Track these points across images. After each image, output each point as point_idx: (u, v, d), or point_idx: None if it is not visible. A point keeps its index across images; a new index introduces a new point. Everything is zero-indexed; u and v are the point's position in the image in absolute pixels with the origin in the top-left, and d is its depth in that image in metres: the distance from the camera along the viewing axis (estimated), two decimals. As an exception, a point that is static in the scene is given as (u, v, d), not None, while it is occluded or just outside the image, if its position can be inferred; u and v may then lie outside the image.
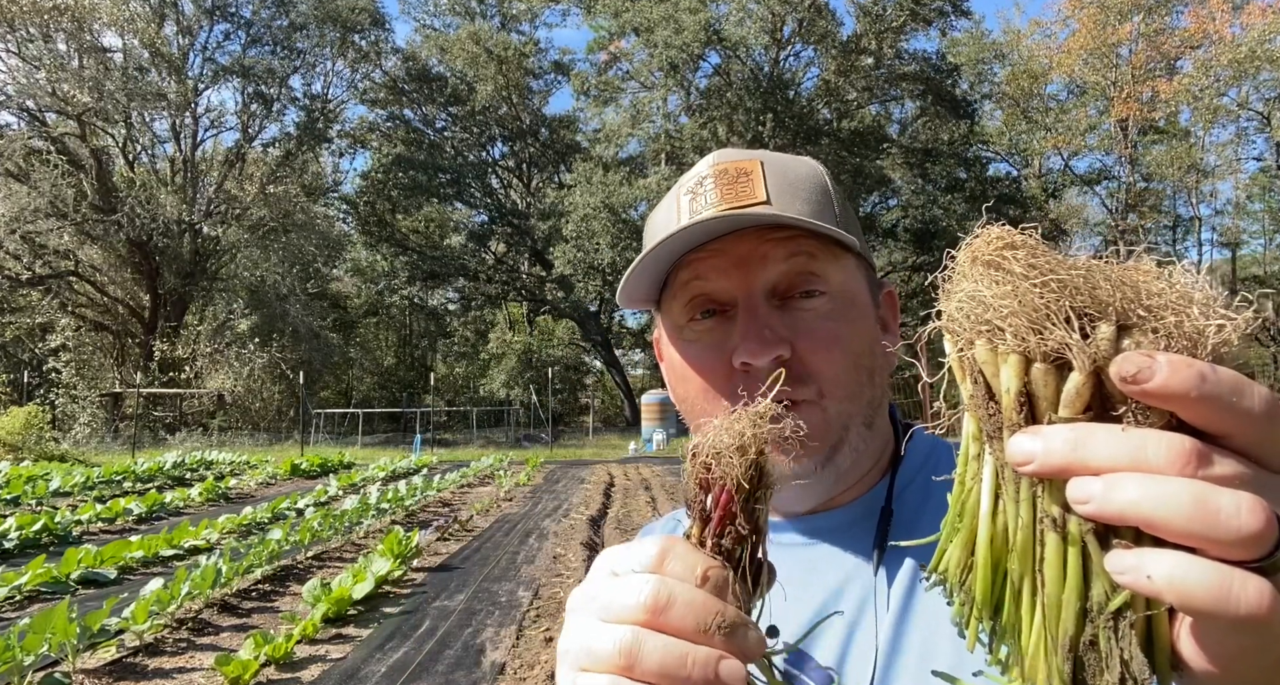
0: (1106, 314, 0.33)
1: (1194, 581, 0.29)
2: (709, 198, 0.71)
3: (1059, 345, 0.33)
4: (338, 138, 36.80)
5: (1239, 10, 30.80)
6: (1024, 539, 0.35)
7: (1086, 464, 0.32)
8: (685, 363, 0.73)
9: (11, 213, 26.43)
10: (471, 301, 40.28)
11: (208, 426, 27.21)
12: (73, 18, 27.43)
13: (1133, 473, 0.31)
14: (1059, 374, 0.33)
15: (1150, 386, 0.30)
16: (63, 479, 12.24)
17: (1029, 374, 0.34)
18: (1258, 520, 0.29)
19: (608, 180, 29.18)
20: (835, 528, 0.73)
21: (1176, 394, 0.30)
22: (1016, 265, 0.35)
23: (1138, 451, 0.31)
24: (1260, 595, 0.29)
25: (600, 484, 14.05)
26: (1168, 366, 0.30)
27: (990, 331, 0.35)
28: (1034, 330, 0.33)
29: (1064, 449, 0.32)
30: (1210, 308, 0.32)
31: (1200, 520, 0.29)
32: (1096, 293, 0.33)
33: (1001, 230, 0.38)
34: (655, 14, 29.20)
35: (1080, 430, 0.32)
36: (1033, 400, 0.34)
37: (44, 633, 4.20)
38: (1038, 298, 0.34)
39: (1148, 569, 0.30)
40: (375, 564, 6.43)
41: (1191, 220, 40.22)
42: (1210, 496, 0.29)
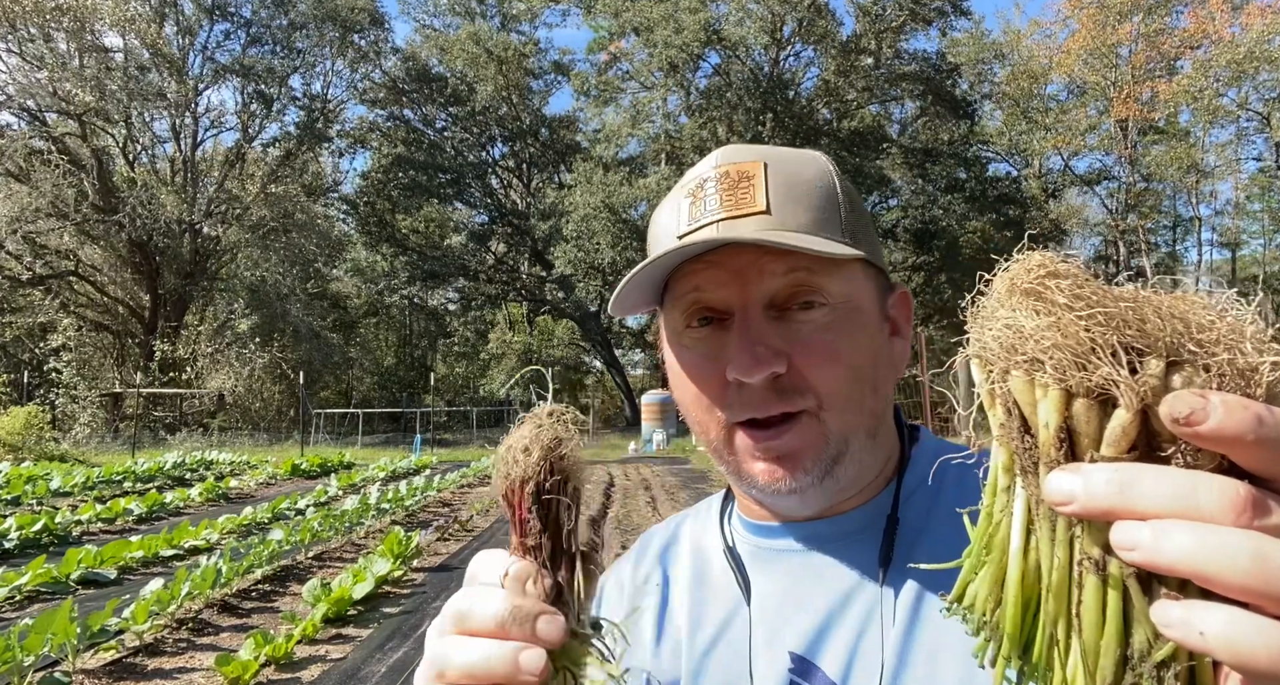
0: (1155, 349, 0.32)
1: (1252, 641, 0.28)
2: (709, 203, 0.70)
3: (1104, 381, 0.31)
4: (338, 138, 36.80)
5: (1238, 10, 30.80)
6: (1060, 580, 0.33)
7: (1132, 508, 0.30)
8: (681, 370, 0.73)
9: (12, 213, 26.42)
10: (471, 301, 40.28)
11: (208, 426, 27.20)
12: (74, 17, 27.43)
13: (1183, 520, 0.29)
14: (1103, 410, 0.32)
15: (1204, 429, 0.29)
16: (63, 479, 12.24)
17: (1070, 409, 0.32)
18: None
19: (608, 180, 29.18)
20: (840, 534, 0.72)
21: (1232, 437, 0.29)
22: (1060, 295, 0.34)
23: (1189, 497, 0.29)
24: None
25: (600, 484, 14.05)
26: (1223, 408, 0.29)
27: (1029, 363, 0.33)
28: (1078, 365, 0.32)
29: (1108, 491, 0.31)
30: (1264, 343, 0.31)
31: (1259, 576, 0.28)
32: (1145, 326, 0.32)
33: (1043, 257, 0.36)
34: (655, 14, 29.20)
35: (1126, 471, 0.31)
36: (1073, 437, 0.33)
37: (45, 633, 4.20)
38: (1083, 330, 0.32)
39: (1199, 625, 0.29)
40: (375, 564, 6.43)
41: (1191, 220, 40.24)
42: (1270, 551, 0.28)
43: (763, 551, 0.75)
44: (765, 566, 0.74)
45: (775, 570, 0.73)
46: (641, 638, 0.80)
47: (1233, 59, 29.12)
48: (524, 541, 0.46)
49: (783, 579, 0.73)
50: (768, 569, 0.74)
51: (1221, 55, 29.76)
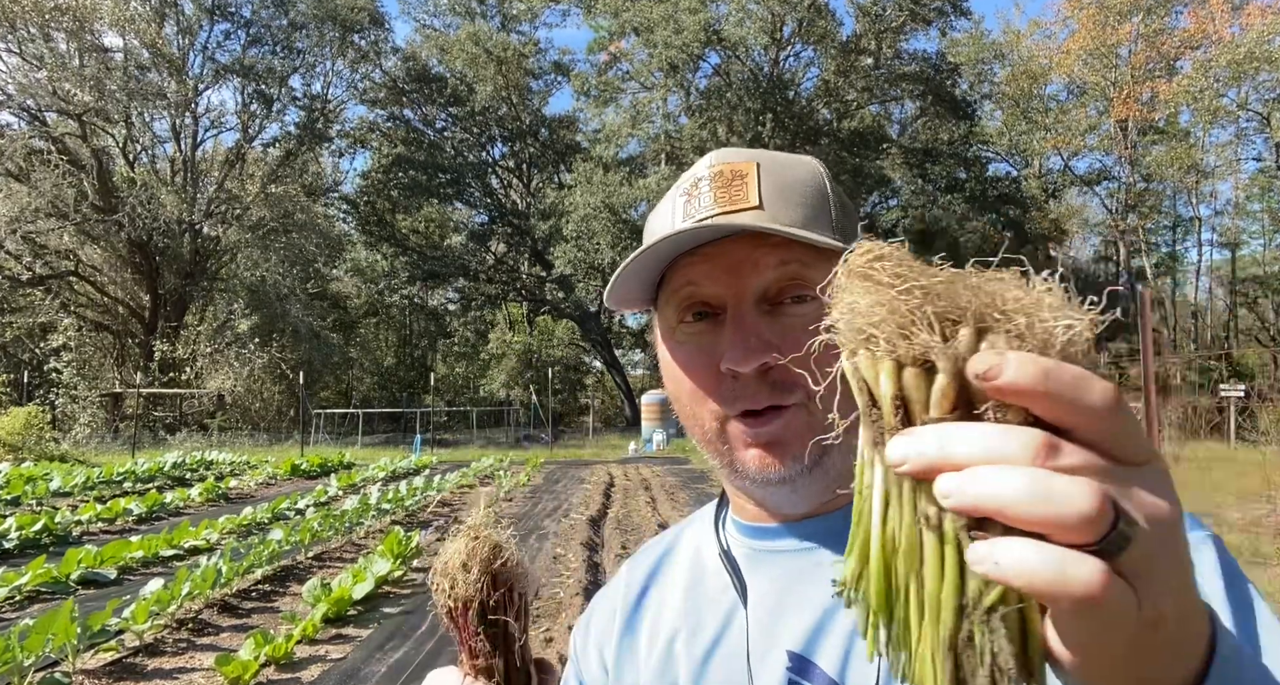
0: (966, 318, 0.35)
1: (1034, 564, 0.31)
2: (703, 200, 0.72)
3: (924, 348, 0.35)
4: (338, 138, 36.81)
5: (1238, 11, 30.81)
6: (908, 540, 0.36)
7: (951, 460, 0.33)
8: (675, 364, 0.74)
9: (12, 213, 26.43)
10: (471, 301, 40.28)
11: (208, 426, 27.20)
12: (74, 17, 27.43)
13: (989, 466, 0.32)
14: (928, 377, 0.35)
15: (1000, 382, 0.32)
16: (63, 479, 12.25)
17: (902, 378, 0.36)
18: (1092, 503, 0.31)
19: (608, 180, 29.19)
20: (834, 531, 0.72)
21: (1023, 389, 0.32)
22: (884, 275, 0.37)
23: (993, 445, 0.33)
24: (1093, 575, 0.30)
25: (600, 484, 14.05)
26: (1015, 363, 0.32)
27: (868, 340, 0.37)
28: (902, 336, 0.35)
29: (930, 448, 0.34)
30: (1060, 310, 0.34)
31: (1040, 505, 0.31)
32: (957, 299, 0.36)
33: (872, 244, 0.40)
34: (655, 14, 29.21)
35: (946, 429, 0.34)
36: (907, 404, 0.36)
37: (46, 633, 4.20)
38: (903, 304, 0.36)
39: (996, 556, 0.32)
40: (375, 564, 6.43)
41: (1191, 220, 40.24)
42: (1050, 482, 0.31)
43: (758, 553, 0.76)
44: (760, 568, 0.75)
45: (771, 571, 0.74)
46: (637, 652, 0.80)
47: (1233, 59, 29.13)
48: (475, 663, 0.45)
49: (778, 579, 0.73)
50: (763, 570, 0.74)
51: (1221, 55, 29.77)
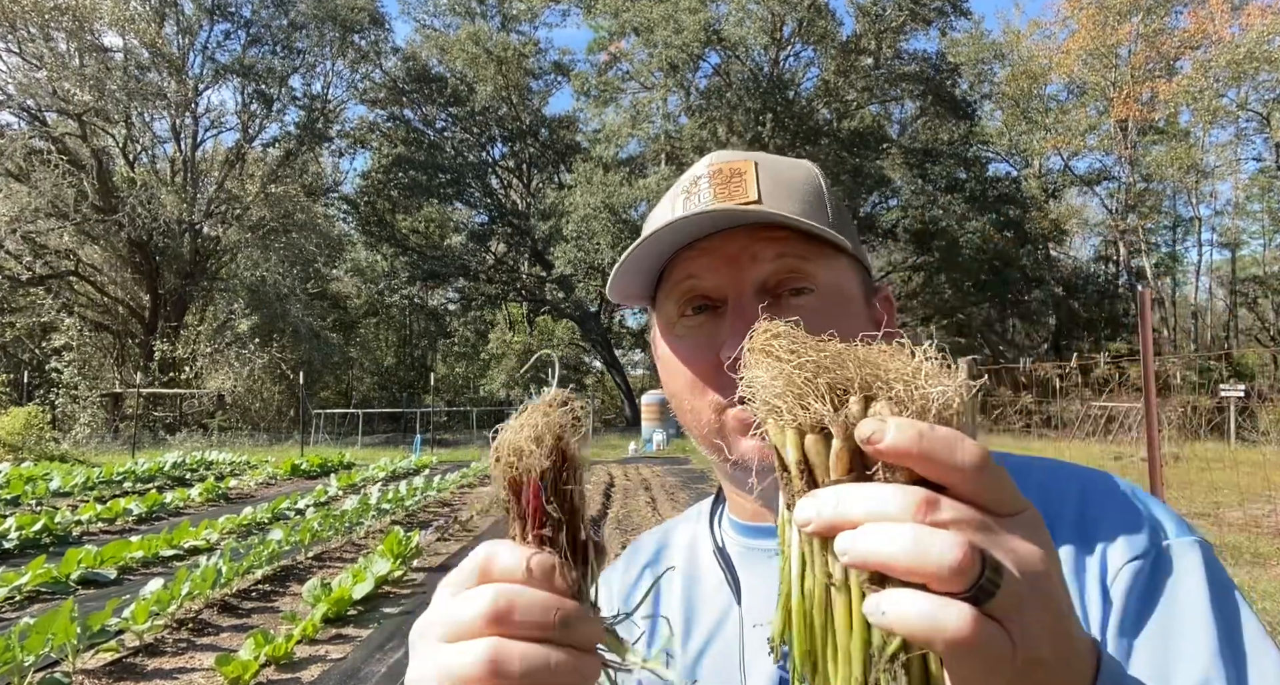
0: (854, 388, 0.38)
1: (912, 612, 0.33)
2: (703, 196, 0.73)
3: (819, 417, 0.38)
4: (338, 138, 36.80)
5: (1238, 11, 30.81)
6: (820, 596, 0.39)
7: (847, 519, 0.36)
8: (675, 357, 0.74)
9: (12, 213, 26.42)
10: (471, 301, 40.27)
11: (208, 426, 27.19)
12: (74, 17, 27.42)
13: (876, 523, 0.35)
14: (828, 442, 0.38)
15: (883, 446, 0.35)
16: (63, 479, 12.24)
17: (804, 445, 0.39)
18: (959, 555, 0.33)
19: (608, 180, 29.18)
20: None
21: (901, 451, 0.35)
22: (781, 351, 0.41)
23: (879, 504, 0.35)
24: (962, 619, 0.33)
25: (600, 484, 14.05)
26: (894, 428, 0.35)
27: (773, 411, 0.40)
28: (801, 406, 0.39)
29: (828, 509, 0.36)
30: (935, 377, 0.38)
31: (916, 557, 0.33)
32: (844, 371, 0.39)
33: (770, 323, 0.44)
34: (655, 14, 29.21)
35: (842, 490, 0.37)
36: (811, 468, 0.39)
37: (46, 633, 4.20)
38: (799, 378, 0.39)
39: (883, 606, 0.34)
40: (375, 564, 6.43)
41: (1191, 220, 40.25)
42: (924, 537, 0.34)
43: (752, 551, 0.76)
44: (755, 566, 0.75)
45: (765, 569, 0.74)
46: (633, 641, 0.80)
47: (1232, 59, 29.13)
48: (540, 533, 0.45)
49: (772, 577, 0.73)
50: (758, 568, 0.75)
51: (1221, 56, 29.77)
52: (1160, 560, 0.60)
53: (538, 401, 0.46)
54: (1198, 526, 8.94)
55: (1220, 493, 10.77)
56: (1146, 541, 0.61)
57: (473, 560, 0.46)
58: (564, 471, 0.45)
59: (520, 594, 0.43)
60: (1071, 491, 0.66)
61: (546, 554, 0.44)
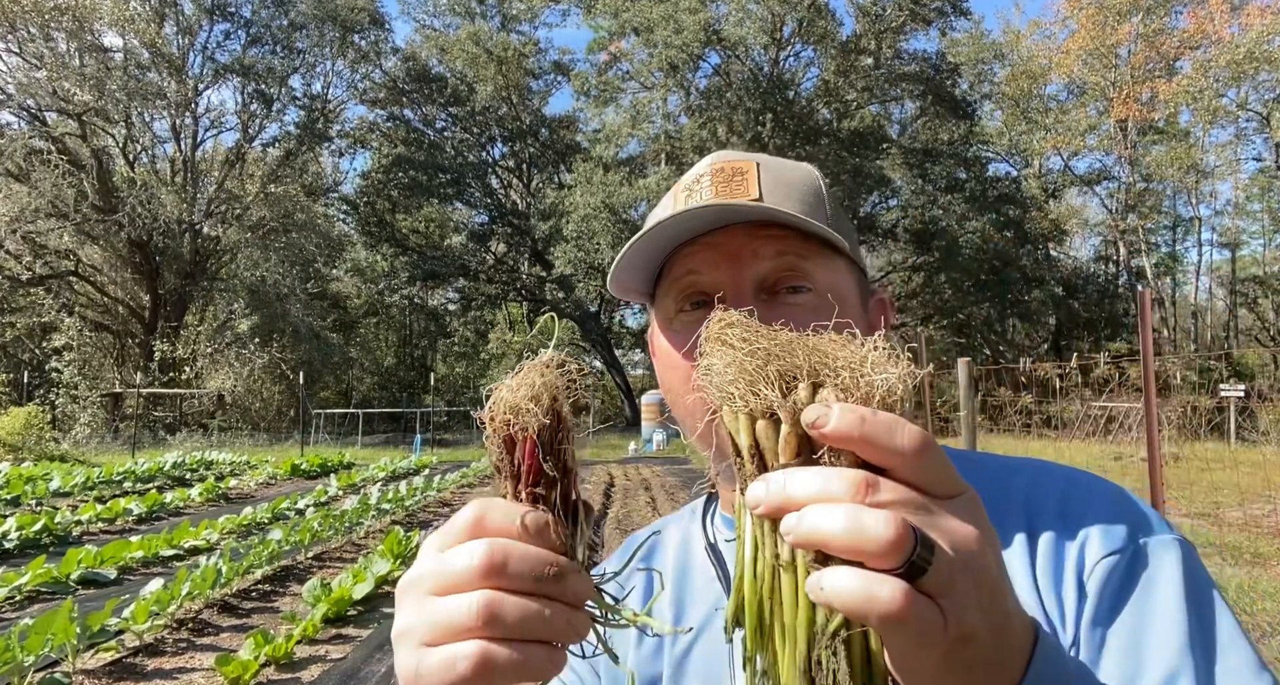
0: (803, 375, 0.40)
1: (846, 587, 0.35)
2: (704, 194, 0.73)
3: (768, 403, 0.40)
4: (338, 138, 36.80)
5: (1237, 11, 30.81)
6: (769, 577, 0.40)
7: (793, 501, 0.37)
8: (673, 351, 0.75)
9: (12, 213, 26.42)
10: (471, 301, 40.27)
11: (208, 426, 27.19)
12: (74, 17, 27.43)
13: (819, 504, 0.37)
14: (777, 427, 0.40)
15: (827, 431, 0.37)
16: (63, 479, 12.24)
17: (755, 430, 0.40)
18: (892, 531, 0.35)
19: (608, 180, 29.18)
20: None
21: (843, 435, 0.37)
22: (735, 339, 0.42)
23: (824, 486, 0.37)
24: (894, 594, 0.34)
25: (600, 484, 14.05)
26: (837, 413, 0.37)
27: (727, 397, 0.41)
28: (752, 392, 0.40)
29: (776, 491, 0.38)
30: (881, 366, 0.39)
31: (852, 535, 0.35)
32: (794, 359, 0.40)
33: (725, 313, 0.45)
34: (655, 14, 29.20)
35: (789, 473, 0.38)
36: (762, 452, 0.40)
37: (45, 633, 4.20)
38: (750, 365, 0.41)
39: (821, 582, 0.36)
40: (375, 564, 6.43)
41: (1191, 220, 40.24)
42: (861, 515, 0.35)
43: None
44: None
45: None
46: (625, 636, 0.81)
47: (1232, 59, 29.13)
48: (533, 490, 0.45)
49: None
50: None
51: (1221, 56, 29.77)
52: (1138, 556, 0.61)
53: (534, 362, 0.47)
54: (1198, 527, 8.94)
55: (1220, 493, 10.77)
56: (1125, 538, 0.62)
57: (463, 516, 0.46)
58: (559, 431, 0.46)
59: (514, 548, 0.43)
60: (1055, 489, 0.67)
61: (540, 511, 0.45)
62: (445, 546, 0.46)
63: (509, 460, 0.46)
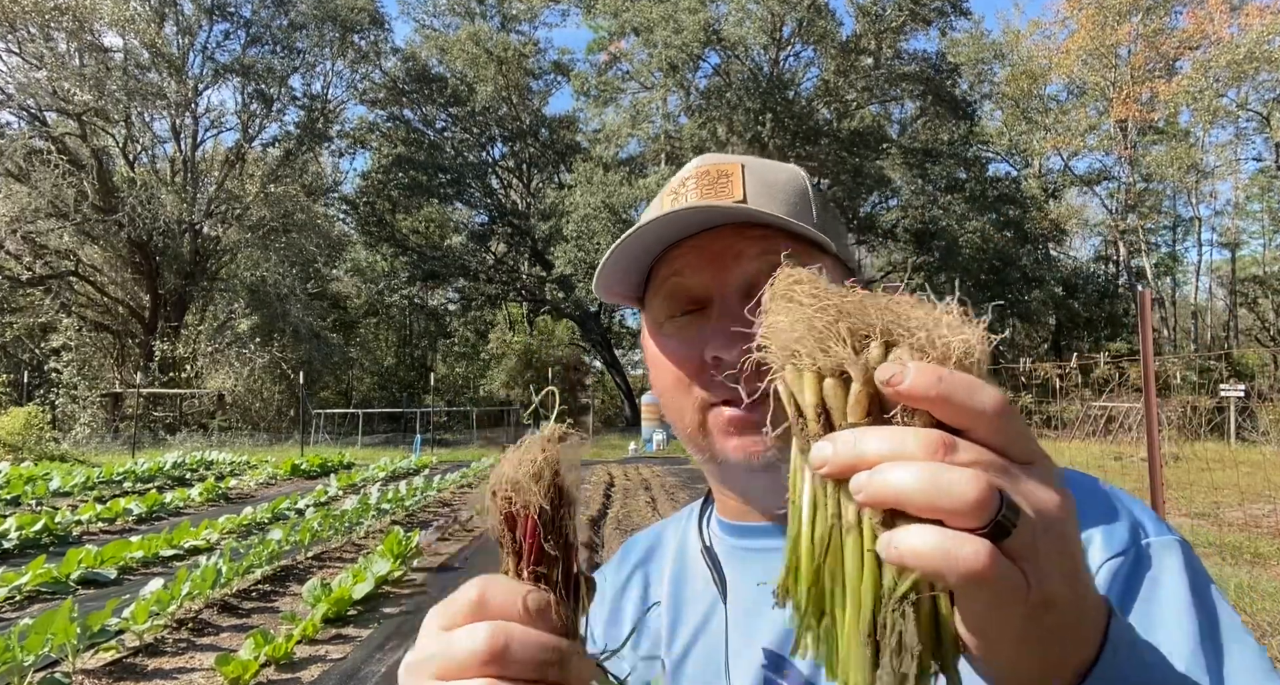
0: (875, 333, 0.39)
1: (925, 545, 0.34)
2: (689, 197, 0.74)
3: (839, 360, 0.39)
4: (338, 138, 36.80)
5: (1237, 11, 30.81)
6: (833, 540, 0.39)
7: (865, 459, 0.36)
8: (661, 355, 0.75)
9: (12, 213, 26.42)
10: (471, 301, 40.27)
11: (208, 426, 27.19)
12: (74, 17, 27.43)
13: (894, 462, 0.35)
14: (846, 387, 0.39)
15: (902, 388, 0.36)
16: (63, 479, 12.24)
17: (823, 388, 0.39)
18: (978, 490, 0.34)
19: (608, 180, 29.19)
20: None
21: (920, 394, 0.36)
22: (803, 296, 0.41)
23: (899, 445, 0.36)
24: (978, 553, 0.33)
25: (600, 484, 14.05)
26: (914, 371, 0.36)
27: (792, 355, 0.40)
28: (821, 350, 0.39)
29: (846, 449, 0.37)
30: (955, 327, 0.38)
31: (933, 493, 0.34)
32: (867, 317, 0.39)
33: (793, 269, 0.44)
34: (655, 14, 29.20)
35: (860, 432, 0.37)
36: (829, 411, 0.39)
37: (45, 633, 4.20)
38: (820, 322, 0.40)
39: (895, 541, 0.35)
40: (375, 564, 6.43)
41: (1191, 220, 40.24)
42: (943, 473, 0.34)
43: (739, 551, 0.77)
44: (741, 565, 0.76)
45: (751, 569, 0.75)
46: (620, 641, 0.81)
47: (1232, 59, 29.13)
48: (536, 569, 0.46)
49: (758, 577, 0.74)
50: (744, 568, 0.75)
51: (1221, 56, 29.78)
52: (1140, 557, 0.61)
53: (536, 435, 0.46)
54: (1198, 527, 8.94)
55: (1220, 493, 10.77)
56: (1127, 540, 0.62)
57: (465, 594, 0.46)
58: (561, 508, 0.45)
59: (517, 632, 0.43)
60: None
61: (542, 591, 0.45)
62: (448, 626, 0.46)
63: (510, 537, 0.46)
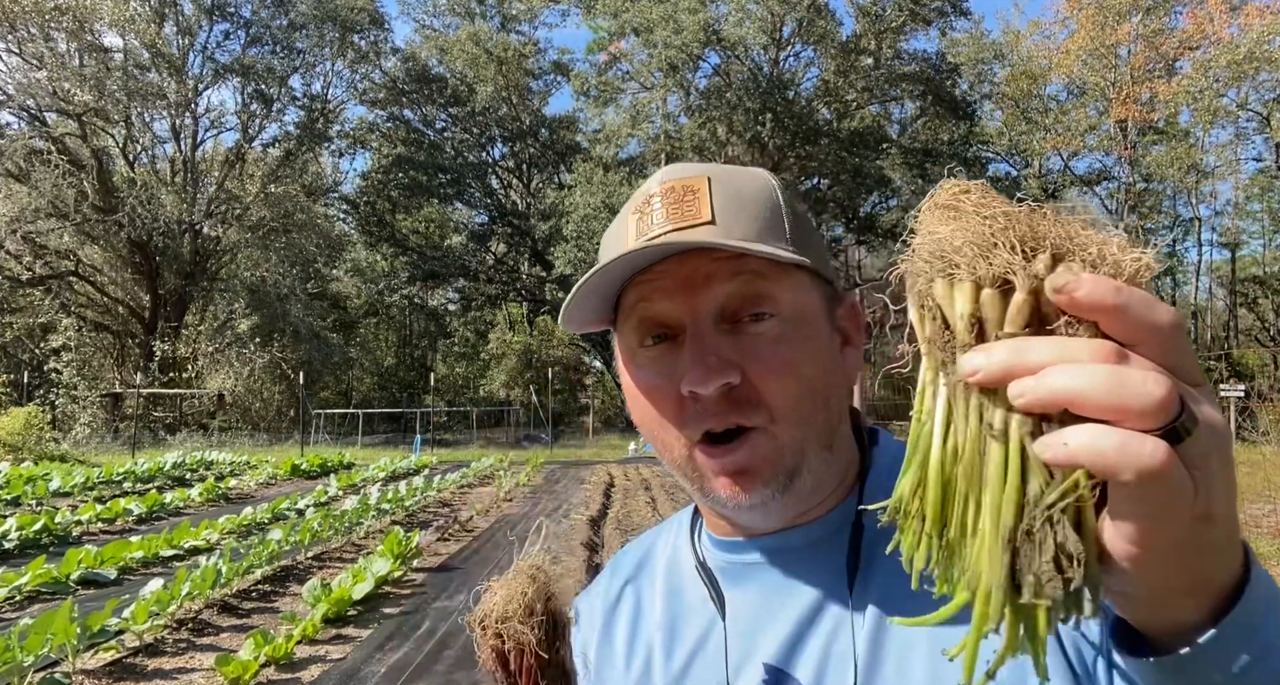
0: (1044, 246, 0.38)
1: (1103, 442, 0.33)
2: (655, 218, 0.70)
3: (1005, 268, 0.38)
4: (338, 138, 36.82)
5: (1237, 11, 30.81)
6: (971, 450, 0.38)
7: (1025, 365, 0.36)
8: (637, 389, 0.72)
9: (12, 213, 26.43)
10: (471, 301, 40.27)
11: (208, 427, 27.20)
12: (74, 17, 27.44)
13: (1065, 364, 0.35)
14: (1004, 299, 0.38)
15: (1078, 295, 0.35)
16: (63, 479, 12.25)
17: (979, 299, 0.38)
18: (1162, 389, 0.33)
19: (608, 180, 29.19)
20: (808, 544, 0.72)
21: (1096, 303, 0.35)
22: (969, 204, 0.40)
23: (1066, 350, 0.35)
24: (1157, 451, 0.33)
25: (600, 484, 14.06)
26: (1090, 280, 0.35)
27: (947, 268, 0.39)
28: (983, 258, 0.38)
29: (1005, 355, 0.36)
30: (1125, 247, 0.38)
31: (1114, 391, 0.33)
32: (1036, 228, 0.39)
33: (957, 179, 0.43)
34: (655, 14, 29.20)
35: (1021, 340, 0.37)
36: (982, 323, 0.38)
37: (45, 633, 4.20)
38: (986, 229, 0.39)
39: (1065, 438, 0.34)
40: (375, 564, 6.44)
41: (1191, 221, 40.22)
42: (1123, 372, 0.34)
43: (734, 567, 0.76)
44: (738, 581, 0.75)
45: (748, 584, 0.74)
46: (614, 660, 0.79)
47: (1232, 59, 29.13)
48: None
49: (755, 592, 0.73)
50: (741, 584, 0.74)
51: (1221, 56, 29.78)
52: None
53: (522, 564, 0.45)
54: (1197, 526, 8.94)
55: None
56: None
57: None
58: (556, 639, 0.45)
59: None
60: None
61: None
62: None
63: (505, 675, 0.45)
